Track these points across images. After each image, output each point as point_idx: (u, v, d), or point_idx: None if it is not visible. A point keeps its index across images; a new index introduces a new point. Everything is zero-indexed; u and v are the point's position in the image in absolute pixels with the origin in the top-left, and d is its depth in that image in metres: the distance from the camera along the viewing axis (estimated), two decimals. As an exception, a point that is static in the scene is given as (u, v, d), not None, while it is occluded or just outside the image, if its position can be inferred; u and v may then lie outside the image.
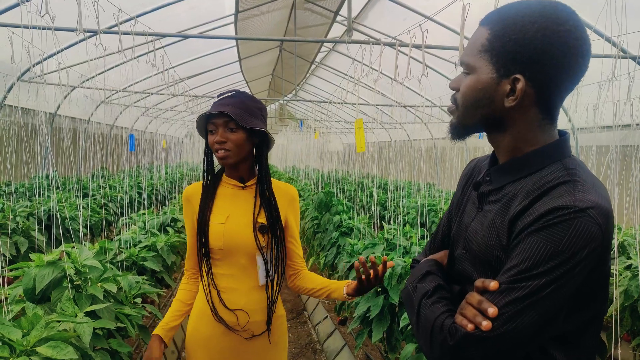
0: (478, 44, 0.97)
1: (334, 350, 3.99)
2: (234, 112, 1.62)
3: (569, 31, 0.89)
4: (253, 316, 1.72)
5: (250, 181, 1.78)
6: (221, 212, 1.72)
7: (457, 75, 1.04)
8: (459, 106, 1.01)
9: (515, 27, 0.91)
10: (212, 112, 1.63)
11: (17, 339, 1.62)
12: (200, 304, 1.76)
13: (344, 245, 4.31)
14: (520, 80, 0.92)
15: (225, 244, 1.69)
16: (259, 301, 1.74)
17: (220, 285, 1.72)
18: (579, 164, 0.95)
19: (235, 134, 1.65)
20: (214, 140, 1.66)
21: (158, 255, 3.58)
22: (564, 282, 0.84)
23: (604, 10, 2.42)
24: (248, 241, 1.70)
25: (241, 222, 1.72)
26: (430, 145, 10.89)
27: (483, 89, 0.96)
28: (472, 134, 1.05)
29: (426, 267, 1.11)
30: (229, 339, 1.72)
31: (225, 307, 1.70)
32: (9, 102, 6.19)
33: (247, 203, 1.75)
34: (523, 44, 0.90)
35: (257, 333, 1.74)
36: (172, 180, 9.97)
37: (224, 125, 1.65)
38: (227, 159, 1.67)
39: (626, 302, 2.93)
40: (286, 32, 7.29)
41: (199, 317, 1.76)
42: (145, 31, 3.38)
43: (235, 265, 1.72)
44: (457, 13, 3.00)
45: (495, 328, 0.85)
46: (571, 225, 0.84)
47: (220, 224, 1.70)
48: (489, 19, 0.97)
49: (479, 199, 1.07)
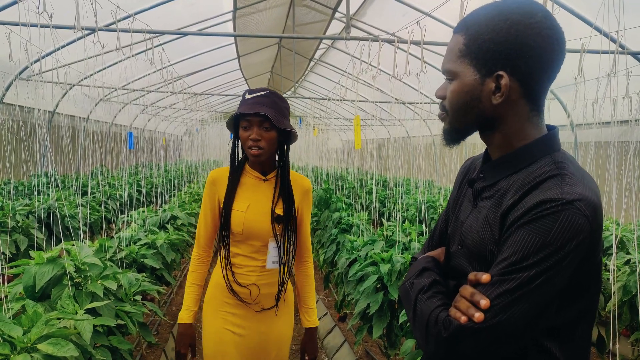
0: (456, 49, 1.00)
1: (334, 346, 4.00)
2: (272, 114, 1.75)
3: (541, 22, 0.92)
4: (263, 290, 1.90)
5: (270, 174, 1.94)
6: (243, 201, 1.89)
7: (442, 83, 1.06)
8: (448, 112, 1.04)
9: (488, 27, 0.95)
10: (252, 112, 1.75)
11: (18, 336, 1.63)
12: (217, 277, 1.95)
13: (343, 242, 4.31)
14: (503, 76, 0.94)
15: (245, 230, 1.86)
16: (269, 277, 1.91)
17: (235, 263, 1.90)
18: (567, 158, 0.98)
19: (269, 133, 1.80)
20: (249, 137, 1.79)
21: (158, 253, 3.58)
22: (553, 273, 0.86)
23: (602, 6, 2.42)
24: (265, 229, 1.87)
25: (261, 211, 1.88)
26: (429, 142, 10.89)
27: (469, 92, 0.98)
28: (466, 137, 1.07)
29: (423, 263, 1.13)
30: (241, 308, 1.91)
31: (238, 283, 1.88)
32: (7, 100, 6.18)
33: (267, 194, 1.91)
34: (499, 42, 0.93)
35: (266, 307, 1.92)
36: (172, 178, 9.96)
37: (259, 124, 1.78)
38: (260, 157, 1.82)
39: (625, 297, 2.94)
40: (285, 29, 7.27)
41: (215, 286, 1.95)
42: (143, 28, 3.37)
43: (250, 247, 1.90)
44: (455, 9, 3.00)
45: (487, 319, 0.87)
46: (559, 217, 0.86)
47: (241, 212, 1.86)
48: (461, 26, 1.01)
49: (474, 196, 1.09)
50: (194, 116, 14.42)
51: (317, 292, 5.45)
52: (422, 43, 3.18)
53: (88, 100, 8.69)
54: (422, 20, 4.85)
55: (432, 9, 5.08)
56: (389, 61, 3.41)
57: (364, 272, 3.14)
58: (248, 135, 1.79)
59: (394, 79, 3.43)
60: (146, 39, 3.38)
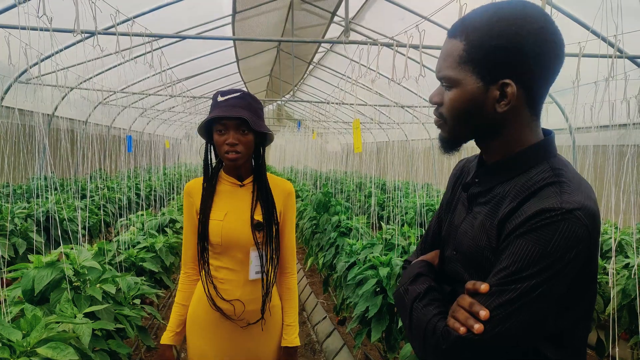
0: (455, 55, 0.96)
1: (333, 350, 4.00)
2: (249, 117, 1.67)
3: (544, 27, 0.90)
4: (248, 306, 1.79)
5: (247, 179, 1.83)
6: (220, 209, 1.78)
7: (436, 89, 1.02)
8: (447, 120, 1.00)
9: (492, 33, 0.91)
10: (228, 115, 1.65)
11: (17, 340, 1.62)
12: (200, 292, 1.83)
13: (342, 245, 4.31)
14: (510, 85, 0.92)
15: (224, 239, 1.75)
16: (253, 292, 1.80)
17: (218, 277, 1.79)
18: (565, 164, 0.97)
19: (247, 137, 1.70)
20: (225, 141, 1.69)
21: (157, 256, 3.58)
22: (553, 284, 0.85)
23: (600, 10, 2.43)
24: (245, 237, 1.76)
25: (239, 219, 1.77)
26: (428, 146, 10.91)
27: (471, 100, 0.95)
28: (463, 144, 1.05)
29: (417, 268, 1.11)
30: (225, 325, 1.80)
31: (222, 298, 1.77)
32: (6, 103, 6.18)
33: (245, 200, 1.80)
34: (504, 49, 0.90)
35: (252, 321, 1.80)
36: (171, 181, 9.96)
37: (235, 127, 1.69)
38: (237, 161, 1.72)
39: (624, 301, 2.94)
40: (284, 33, 7.29)
41: (198, 303, 1.83)
42: (142, 32, 3.38)
43: (232, 259, 1.78)
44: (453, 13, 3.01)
45: (487, 331, 0.86)
46: (559, 227, 0.85)
47: (218, 221, 1.75)
48: (459, 30, 0.96)
49: (469, 201, 1.07)
50: (193, 119, 14.44)
51: (316, 296, 5.44)
52: (421, 47, 3.19)
53: (87, 103, 8.70)
54: (420, 24, 4.86)
55: (431, 13, 5.10)
56: (388, 65, 3.42)
57: (363, 275, 3.14)
58: (224, 140, 1.69)
59: (393, 83, 3.44)
60: (145, 42, 3.39)
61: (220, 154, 1.74)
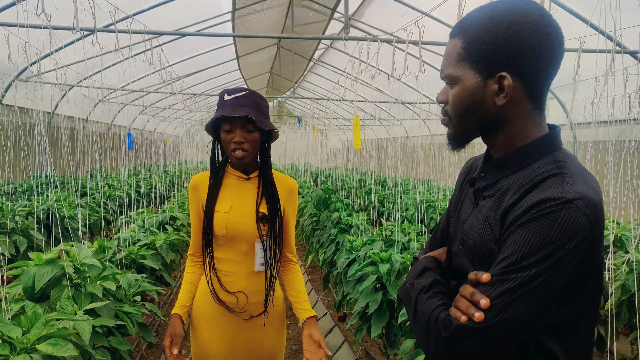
0: (454, 54, 1.00)
1: (334, 346, 4.01)
2: (256, 116, 1.72)
3: (537, 20, 0.93)
4: (252, 298, 1.83)
5: (253, 173, 1.89)
6: (225, 202, 1.83)
7: (442, 88, 1.06)
8: (452, 117, 1.04)
9: (486, 29, 0.95)
10: (235, 114, 1.71)
11: (17, 336, 1.63)
12: (203, 285, 1.88)
13: (342, 242, 4.31)
14: (506, 77, 0.94)
15: (229, 231, 1.80)
16: (257, 284, 1.85)
17: (222, 270, 1.83)
18: (569, 157, 0.98)
19: (253, 135, 1.76)
20: (232, 139, 1.75)
21: (157, 254, 3.58)
22: (554, 273, 0.86)
23: (599, 5, 2.42)
24: (250, 229, 1.81)
25: (244, 211, 1.82)
26: (428, 142, 10.90)
27: (471, 95, 0.98)
28: (471, 140, 1.08)
29: (424, 263, 1.13)
30: (229, 317, 1.84)
31: (226, 291, 1.82)
32: (6, 101, 6.18)
33: (250, 193, 1.86)
34: (498, 43, 0.94)
35: (255, 314, 1.85)
36: (171, 179, 9.96)
37: (242, 126, 1.75)
38: (244, 159, 1.78)
39: (623, 296, 2.94)
40: (284, 30, 7.28)
41: (202, 296, 1.88)
42: (142, 29, 3.38)
43: (236, 251, 1.83)
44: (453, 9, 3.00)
45: (487, 319, 0.87)
46: (559, 216, 0.85)
47: (224, 213, 1.81)
48: (457, 30, 1.01)
49: (475, 195, 1.09)
50: (193, 117, 14.44)
51: (317, 292, 5.45)
52: (421, 43, 3.18)
53: (87, 101, 8.69)
54: (420, 20, 4.86)
55: (431, 8, 5.09)
56: (388, 61, 3.42)
57: (363, 272, 3.14)
58: (231, 138, 1.75)
59: (393, 79, 3.44)
60: (145, 40, 3.39)
61: (227, 151, 1.80)
